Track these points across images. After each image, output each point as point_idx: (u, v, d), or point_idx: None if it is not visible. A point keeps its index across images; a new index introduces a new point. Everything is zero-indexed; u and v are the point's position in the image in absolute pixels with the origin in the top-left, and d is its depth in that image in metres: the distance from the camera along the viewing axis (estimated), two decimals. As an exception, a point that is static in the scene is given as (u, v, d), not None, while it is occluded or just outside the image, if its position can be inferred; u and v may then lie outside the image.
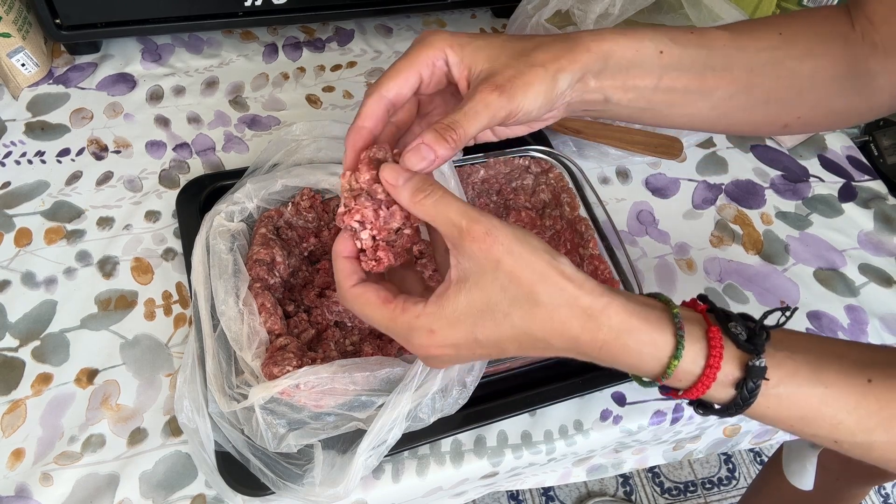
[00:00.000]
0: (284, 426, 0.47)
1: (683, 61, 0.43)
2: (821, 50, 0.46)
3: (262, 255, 0.54)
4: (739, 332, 0.36)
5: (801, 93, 0.47)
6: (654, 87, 0.43)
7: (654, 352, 0.35)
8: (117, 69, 0.77)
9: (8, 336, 0.56)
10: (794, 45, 0.46)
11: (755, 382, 0.35)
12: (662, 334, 0.35)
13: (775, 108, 0.47)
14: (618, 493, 1.36)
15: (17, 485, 0.49)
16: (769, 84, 0.46)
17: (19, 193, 0.65)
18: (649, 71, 0.42)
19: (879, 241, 0.71)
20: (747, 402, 0.35)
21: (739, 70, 0.45)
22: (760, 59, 0.45)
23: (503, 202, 0.64)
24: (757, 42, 0.45)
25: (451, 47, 0.40)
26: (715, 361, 0.35)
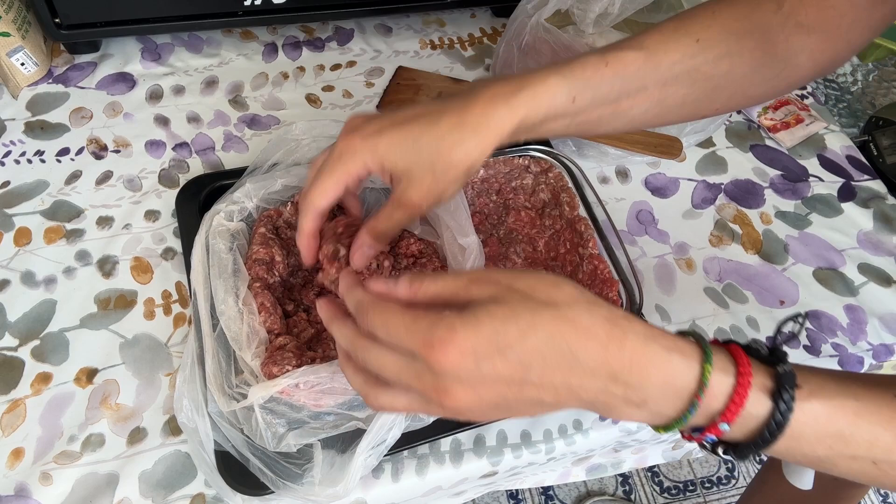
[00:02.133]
0: (284, 425, 0.47)
1: (597, 98, 0.45)
2: (738, 48, 0.47)
3: (262, 254, 0.54)
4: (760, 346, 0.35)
5: (717, 90, 0.48)
6: (566, 126, 0.46)
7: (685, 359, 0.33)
8: (117, 68, 0.77)
9: (7, 335, 0.56)
10: (711, 49, 0.46)
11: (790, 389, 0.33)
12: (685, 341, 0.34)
13: (690, 108, 0.49)
14: (617, 493, 1.36)
15: (16, 484, 0.49)
16: (683, 91, 0.47)
17: (19, 193, 0.65)
18: (562, 117, 0.45)
19: (879, 241, 0.71)
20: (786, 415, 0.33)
21: (653, 87, 0.46)
22: (674, 72, 0.46)
23: (503, 202, 0.64)
24: (672, 55, 0.46)
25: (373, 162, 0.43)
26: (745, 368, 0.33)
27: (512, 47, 0.72)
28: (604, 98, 0.45)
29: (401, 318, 0.34)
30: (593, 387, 0.33)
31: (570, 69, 0.44)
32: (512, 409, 0.35)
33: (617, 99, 0.45)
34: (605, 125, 0.47)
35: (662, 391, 0.33)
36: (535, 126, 0.44)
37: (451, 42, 0.85)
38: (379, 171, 0.44)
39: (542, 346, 0.32)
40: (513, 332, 0.32)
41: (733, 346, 0.35)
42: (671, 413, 0.34)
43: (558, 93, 0.43)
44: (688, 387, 0.33)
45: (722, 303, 0.65)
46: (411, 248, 0.57)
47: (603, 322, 0.33)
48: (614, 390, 0.33)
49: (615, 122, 0.47)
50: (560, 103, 0.44)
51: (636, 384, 0.33)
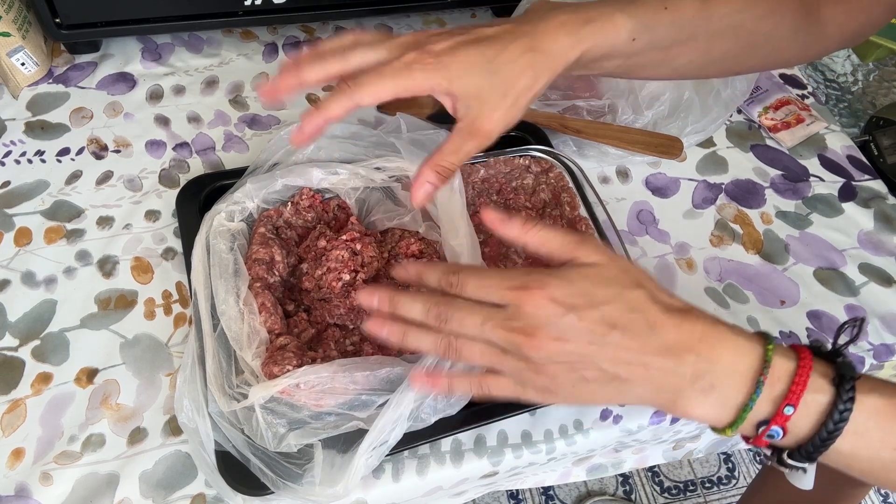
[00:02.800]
0: (284, 426, 0.47)
1: (653, 41, 0.45)
2: (780, 9, 0.49)
3: (262, 254, 0.54)
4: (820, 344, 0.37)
5: (756, 48, 0.50)
6: (618, 65, 0.46)
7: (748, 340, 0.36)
8: (117, 68, 0.77)
9: (8, 335, 0.56)
10: (758, 5, 0.48)
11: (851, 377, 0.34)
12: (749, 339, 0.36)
13: (729, 63, 0.51)
14: (617, 493, 1.36)
15: (16, 484, 0.49)
16: (727, 45, 0.48)
17: (19, 193, 0.65)
18: (619, 56, 0.45)
19: (879, 241, 0.71)
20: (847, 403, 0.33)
21: (703, 37, 0.47)
22: (723, 24, 0.47)
23: (503, 202, 0.64)
24: (723, 7, 0.47)
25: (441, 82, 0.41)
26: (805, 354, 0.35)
27: (512, 47, 0.72)
28: (659, 42, 0.46)
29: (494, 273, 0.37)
30: (665, 365, 0.35)
31: (633, 7, 0.44)
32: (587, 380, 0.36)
33: (670, 45, 0.46)
34: (652, 70, 0.49)
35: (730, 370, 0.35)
36: (593, 61, 0.44)
37: (451, 42, 0.85)
38: (445, 93, 0.41)
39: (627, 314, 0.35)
40: (601, 294, 0.35)
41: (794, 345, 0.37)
42: (738, 397, 0.35)
43: (622, 31, 0.44)
44: (753, 365, 0.35)
45: (723, 303, 0.65)
46: (412, 248, 0.57)
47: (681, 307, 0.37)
48: (684, 371, 0.35)
49: (662, 69, 0.49)
50: (622, 41, 0.44)
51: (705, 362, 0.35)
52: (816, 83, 1.13)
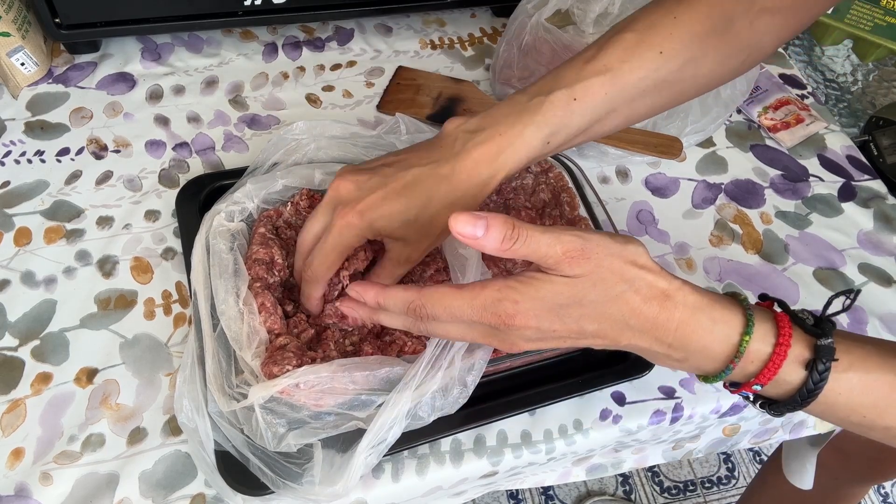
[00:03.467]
0: (284, 425, 0.47)
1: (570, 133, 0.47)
2: (702, 51, 0.47)
3: (261, 254, 0.54)
4: (806, 317, 0.37)
5: (684, 93, 0.50)
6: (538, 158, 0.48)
7: (727, 329, 0.36)
8: (117, 68, 0.77)
9: (7, 335, 0.56)
10: (675, 58, 0.47)
11: (825, 362, 0.35)
12: (733, 312, 0.37)
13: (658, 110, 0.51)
14: (617, 493, 1.36)
15: (16, 484, 0.49)
16: (650, 101, 0.48)
17: (19, 193, 0.65)
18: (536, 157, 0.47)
19: (879, 241, 0.71)
20: (818, 385, 0.35)
21: (622, 106, 0.47)
22: (640, 88, 0.47)
23: (503, 202, 0.64)
24: (636, 73, 0.46)
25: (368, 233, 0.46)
26: (785, 339, 0.36)
27: (512, 47, 0.72)
28: (576, 131, 0.47)
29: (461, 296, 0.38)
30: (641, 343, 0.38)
31: (542, 115, 0.46)
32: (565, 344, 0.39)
33: (589, 127, 0.47)
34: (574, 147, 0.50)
35: (702, 354, 0.37)
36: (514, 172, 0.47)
37: (451, 42, 0.85)
38: (375, 237, 0.47)
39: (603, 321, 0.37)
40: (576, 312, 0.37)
41: (781, 314, 0.37)
42: (709, 370, 0.38)
43: (534, 143, 0.46)
44: (726, 352, 0.37)
45: (722, 303, 0.65)
46: None
47: (659, 295, 0.36)
48: (658, 349, 0.38)
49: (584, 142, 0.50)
50: (536, 147, 0.46)
51: (679, 347, 0.37)
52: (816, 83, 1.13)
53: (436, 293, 0.39)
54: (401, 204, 0.45)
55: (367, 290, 0.44)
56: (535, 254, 0.37)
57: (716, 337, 0.36)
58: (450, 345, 0.47)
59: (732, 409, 0.60)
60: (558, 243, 0.36)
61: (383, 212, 0.45)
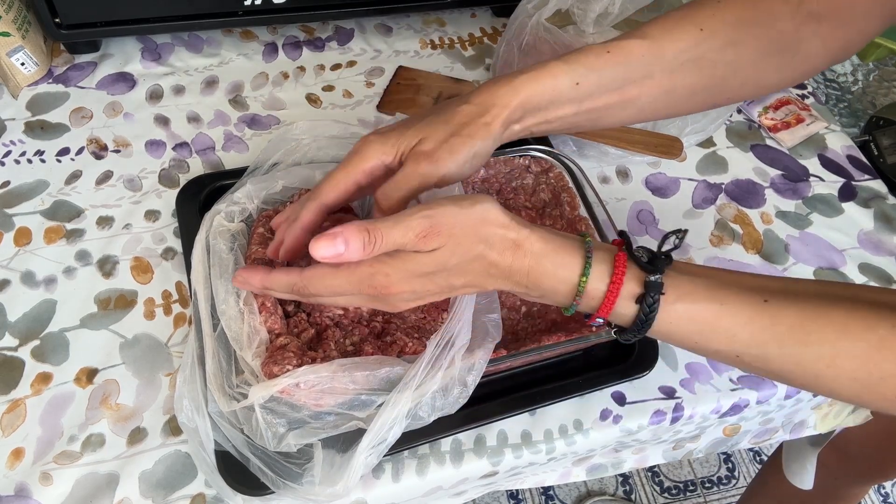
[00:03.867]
0: (284, 425, 0.47)
1: (602, 83, 0.46)
2: (743, 36, 0.47)
3: (261, 254, 0.54)
4: (641, 255, 0.41)
5: (726, 79, 0.49)
6: (574, 113, 0.47)
7: (567, 272, 0.41)
8: (117, 68, 0.77)
9: (7, 335, 0.56)
10: (715, 37, 0.47)
11: (653, 296, 0.39)
12: (574, 257, 0.41)
13: (701, 97, 0.50)
14: (617, 493, 1.36)
15: (16, 484, 0.49)
16: (691, 80, 0.48)
17: (19, 193, 0.65)
18: (568, 103, 0.46)
19: (879, 241, 0.71)
20: (649, 316, 0.40)
21: (660, 75, 0.47)
22: (680, 60, 0.47)
23: (503, 201, 0.64)
24: (676, 43, 0.47)
25: (385, 152, 0.45)
26: (618, 279, 0.40)
27: (512, 47, 0.72)
28: (609, 83, 0.46)
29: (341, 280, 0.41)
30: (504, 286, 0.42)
31: (571, 56, 0.46)
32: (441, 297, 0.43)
33: (622, 85, 0.46)
34: (614, 115, 0.48)
35: (553, 293, 0.42)
36: (540, 108, 0.46)
37: (451, 42, 0.85)
38: (392, 156, 0.45)
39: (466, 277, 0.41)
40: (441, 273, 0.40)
41: (620, 254, 0.41)
42: (562, 304, 0.43)
43: (560, 75, 0.45)
44: (570, 291, 0.41)
45: (722, 303, 0.65)
46: None
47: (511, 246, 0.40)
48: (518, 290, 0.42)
49: (624, 112, 0.48)
50: (563, 86, 0.45)
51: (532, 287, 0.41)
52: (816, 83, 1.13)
53: (315, 274, 0.41)
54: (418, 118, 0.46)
55: (253, 276, 0.45)
56: (395, 245, 0.40)
57: (559, 279, 0.41)
58: (450, 345, 0.46)
59: (733, 410, 0.60)
60: (409, 230, 0.39)
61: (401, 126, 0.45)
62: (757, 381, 0.60)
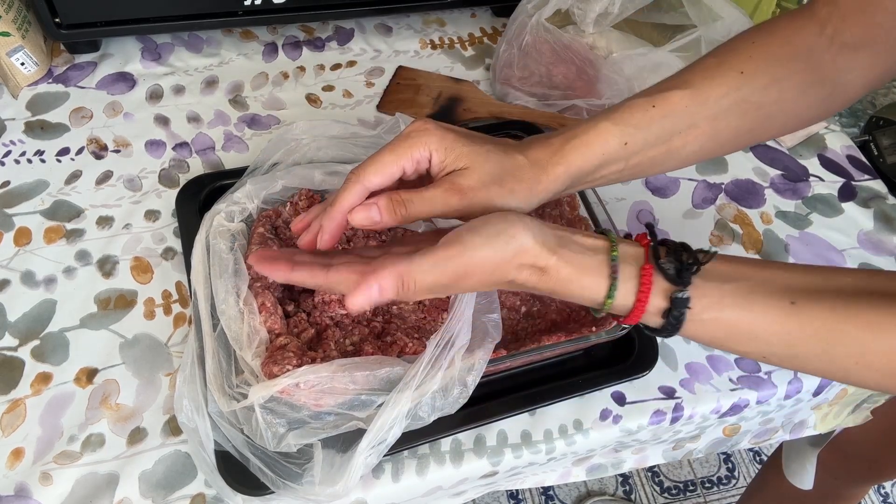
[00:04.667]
0: (284, 425, 0.47)
1: (648, 140, 0.46)
2: (783, 73, 0.47)
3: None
4: (668, 267, 0.40)
5: (770, 119, 0.49)
6: (621, 170, 0.47)
7: (593, 294, 0.41)
8: (117, 68, 0.77)
9: (7, 335, 0.56)
10: (756, 78, 0.47)
11: (679, 311, 0.40)
12: (599, 279, 0.41)
13: (745, 138, 0.49)
14: (617, 493, 1.36)
15: (16, 484, 0.49)
16: (735, 123, 0.48)
17: (19, 192, 0.65)
18: (615, 162, 0.46)
19: (879, 241, 0.71)
20: (675, 327, 0.40)
21: (704, 123, 0.47)
22: (723, 105, 0.47)
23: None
24: (718, 89, 0.46)
25: (438, 150, 0.43)
26: (643, 297, 0.40)
27: (512, 47, 0.72)
28: (655, 139, 0.46)
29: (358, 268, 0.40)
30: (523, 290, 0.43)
31: (618, 115, 0.46)
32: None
33: (669, 139, 0.46)
34: (659, 165, 0.48)
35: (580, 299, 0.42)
36: (590, 172, 0.46)
37: (451, 42, 0.85)
38: (441, 159, 0.43)
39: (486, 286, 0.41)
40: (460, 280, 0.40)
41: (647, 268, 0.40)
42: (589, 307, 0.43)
43: (610, 138, 0.45)
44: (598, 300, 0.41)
45: (722, 303, 0.65)
46: None
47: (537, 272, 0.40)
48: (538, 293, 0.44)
49: (669, 162, 0.48)
50: (612, 149, 0.45)
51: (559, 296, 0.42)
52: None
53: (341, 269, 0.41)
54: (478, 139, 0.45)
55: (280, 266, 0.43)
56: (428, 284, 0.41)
57: (584, 297, 0.41)
58: (450, 345, 0.47)
59: (732, 410, 0.60)
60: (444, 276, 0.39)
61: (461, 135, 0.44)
62: (757, 381, 0.60)
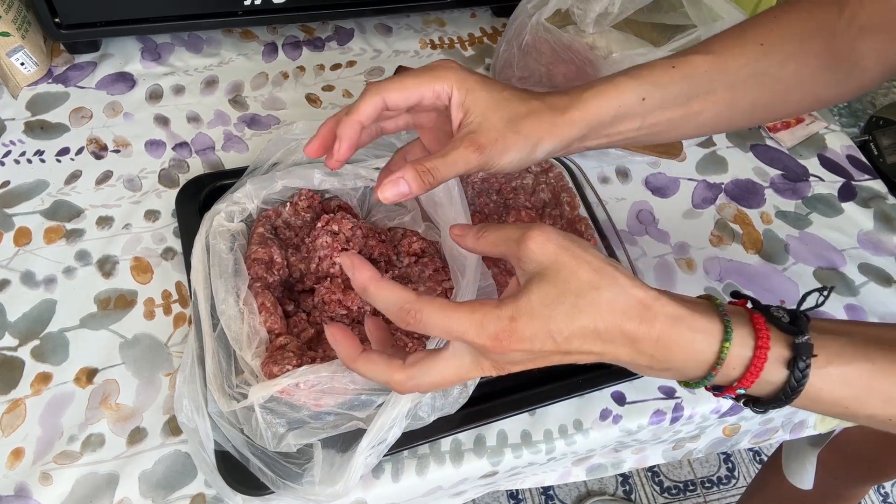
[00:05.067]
0: (284, 425, 0.47)
1: (666, 100, 0.46)
2: (802, 49, 0.48)
3: (260, 254, 0.54)
4: (782, 315, 0.37)
5: (787, 94, 0.49)
6: (637, 128, 0.46)
7: (707, 338, 0.36)
8: (117, 68, 0.77)
9: (7, 335, 0.56)
10: (776, 52, 0.47)
11: (806, 360, 0.35)
12: (711, 320, 0.36)
13: (762, 112, 0.49)
14: (617, 493, 1.36)
15: (16, 484, 0.49)
16: (753, 95, 0.48)
17: (19, 192, 0.65)
18: (632, 118, 0.45)
19: (879, 241, 0.71)
20: (801, 382, 0.36)
21: (722, 90, 0.47)
22: (742, 75, 0.47)
23: (503, 201, 0.64)
24: (738, 59, 0.47)
25: (459, 89, 0.42)
26: (764, 342, 0.36)
27: (512, 47, 0.72)
28: (673, 99, 0.46)
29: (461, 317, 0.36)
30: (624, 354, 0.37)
31: (638, 71, 0.46)
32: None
33: (687, 101, 0.46)
34: (677, 129, 0.48)
35: (685, 364, 0.37)
36: (607, 124, 0.45)
37: (451, 42, 0.85)
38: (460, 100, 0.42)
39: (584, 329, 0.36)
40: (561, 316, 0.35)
41: (756, 315, 0.37)
42: (692, 377, 0.38)
43: (627, 91, 0.45)
44: (708, 360, 0.36)
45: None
46: (413, 247, 0.57)
47: (637, 305, 0.35)
48: (640, 361, 0.37)
49: (686, 126, 0.48)
50: (629, 102, 0.45)
51: (661, 358, 0.36)
52: (816, 83, 1.13)
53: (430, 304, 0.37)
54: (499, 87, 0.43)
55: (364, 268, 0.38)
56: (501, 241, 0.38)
57: (697, 347, 0.36)
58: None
59: (732, 410, 0.60)
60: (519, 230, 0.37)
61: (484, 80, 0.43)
62: (757, 381, 0.60)
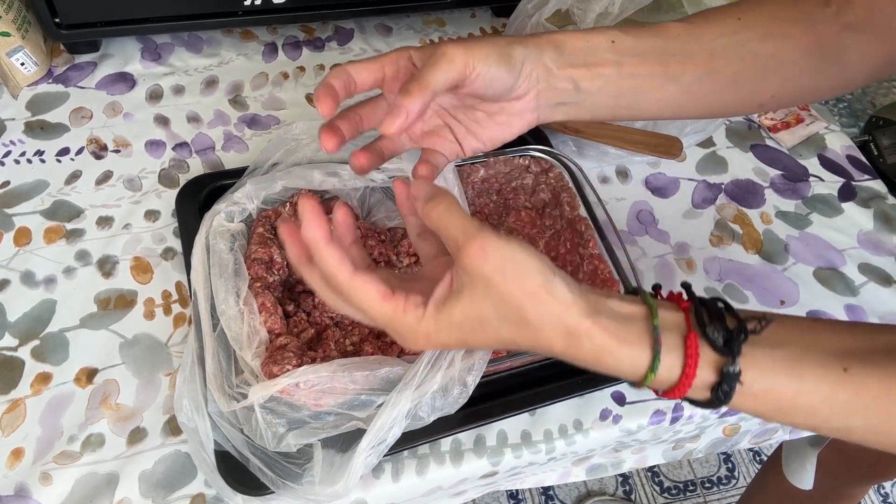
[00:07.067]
0: (284, 425, 0.47)
1: (639, 48, 0.45)
2: (782, 31, 0.48)
3: (261, 254, 0.54)
4: (716, 337, 0.36)
5: (767, 72, 0.48)
6: (617, 73, 0.45)
7: (631, 368, 0.37)
8: (117, 68, 0.77)
9: (7, 335, 0.56)
10: (753, 28, 0.47)
11: (729, 386, 0.36)
12: (640, 350, 0.36)
13: (745, 87, 0.49)
14: (617, 493, 1.36)
15: (16, 484, 0.49)
16: (733, 66, 0.47)
17: (19, 193, 0.65)
18: (606, 57, 0.44)
19: (879, 241, 0.71)
20: (721, 402, 0.37)
21: (700, 55, 0.46)
22: (719, 44, 0.47)
23: (503, 202, 0.64)
24: (714, 28, 0.47)
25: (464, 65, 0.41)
26: (690, 371, 0.36)
27: (512, 47, 0.72)
28: (647, 51, 0.45)
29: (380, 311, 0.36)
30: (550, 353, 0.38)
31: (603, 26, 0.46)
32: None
33: (661, 57, 0.46)
34: (659, 88, 0.47)
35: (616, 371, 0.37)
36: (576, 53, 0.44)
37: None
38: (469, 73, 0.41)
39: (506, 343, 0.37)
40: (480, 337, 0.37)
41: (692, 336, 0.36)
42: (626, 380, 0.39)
43: (595, 32, 0.45)
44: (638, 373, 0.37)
45: (722, 303, 0.65)
46: (413, 248, 0.58)
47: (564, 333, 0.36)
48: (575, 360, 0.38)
49: (670, 88, 0.47)
50: (598, 41, 0.44)
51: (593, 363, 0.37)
52: (816, 83, 1.13)
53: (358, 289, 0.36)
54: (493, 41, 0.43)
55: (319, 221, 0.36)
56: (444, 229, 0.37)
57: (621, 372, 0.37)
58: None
59: (732, 409, 0.60)
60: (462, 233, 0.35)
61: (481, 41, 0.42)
62: (757, 381, 0.60)
